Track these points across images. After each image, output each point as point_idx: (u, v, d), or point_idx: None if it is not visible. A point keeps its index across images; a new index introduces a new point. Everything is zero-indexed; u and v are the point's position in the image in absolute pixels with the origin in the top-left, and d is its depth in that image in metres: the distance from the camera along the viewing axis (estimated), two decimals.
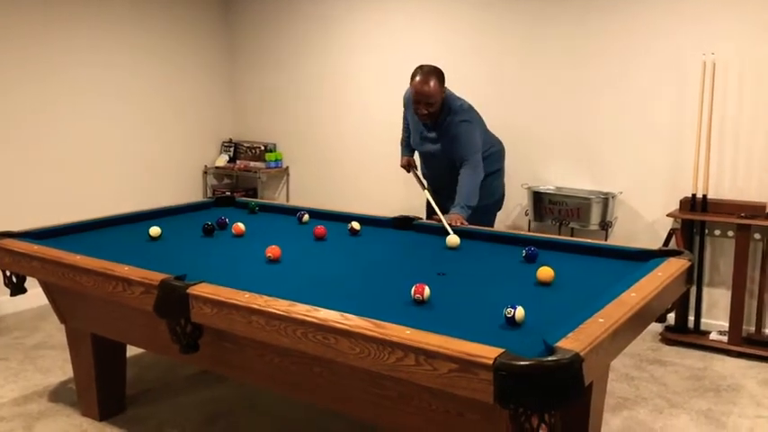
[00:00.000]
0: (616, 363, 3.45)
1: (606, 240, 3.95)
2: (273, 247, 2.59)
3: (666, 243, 3.74)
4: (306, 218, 3.35)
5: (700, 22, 3.72)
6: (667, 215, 3.83)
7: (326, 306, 1.88)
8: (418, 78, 3.40)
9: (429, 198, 3.55)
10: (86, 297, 2.66)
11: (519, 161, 4.21)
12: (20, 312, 4.34)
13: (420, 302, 2.04)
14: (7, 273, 2.79)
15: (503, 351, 1.52)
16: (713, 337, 3.76)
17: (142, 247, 2.84)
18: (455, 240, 2.83)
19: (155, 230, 2.97)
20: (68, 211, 3.94)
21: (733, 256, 3.69)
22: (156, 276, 2.23)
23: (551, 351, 1.54)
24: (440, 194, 3.56)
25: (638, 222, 4.06)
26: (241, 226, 3.05)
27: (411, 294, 2.06)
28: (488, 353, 1.52)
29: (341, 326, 1.76)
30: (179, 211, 3.59)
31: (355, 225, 3.08)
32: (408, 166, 3.92)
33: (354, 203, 4.59)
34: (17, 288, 2.80)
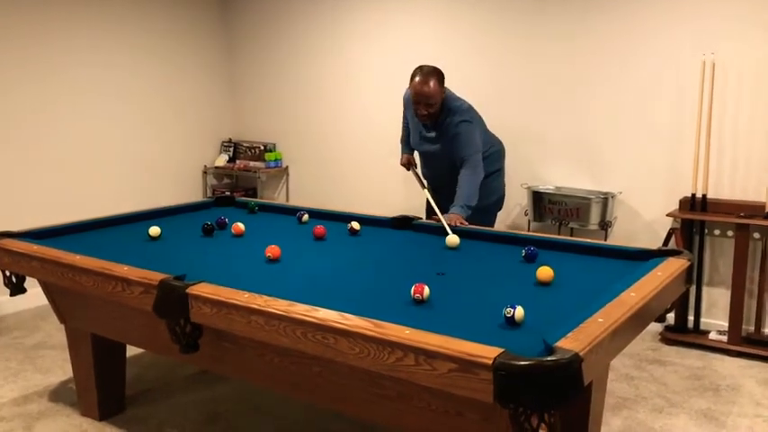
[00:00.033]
0: (616, 362, 3.46)
1: (606, 240, 3.95)
2: (273, 246, 2.59)
3: (666, 243, 3.74)
4: (305, 218, 3.35)
5: (699, 21, 3.72)
6: (667, 215, 3.83)
7: (326, 306, 1.88)
8: (418, 79, 3.40)
9: (429, 198, 3.55)
10: (86, 297, 2.66)
11: (519, 161, 4.21)
12: (20, 312, 4.34)
13: (419, 302, 2.04)
14: (7, 273, 2.79)
15: (502, 351, 1.52)
16: (713, 336, 3.76)
17: (142, 247, 2.84)
18: (455, 240, 2.83)
19: (154, 230, 2.97)
20: (68, 211, 3.94)
21: (732, 255, 3.69)
22: (156, 276, 2.23)
23: (551, 351, 1.54)
24: (439, 194, 3.56)
25: (637, 222, 4.06)
26: (241, 226, 3.05)
27: (410, 294, 2.05)
28: (488, 353, 1.52)
29: (340, 326, 1.76)
30: (178, 211, 3.59)
31: (355, 225, 3.08)
32: (408, 164, 3.91)
33: (354, 203, 4.59)
34: (17, 288, 2.80)
